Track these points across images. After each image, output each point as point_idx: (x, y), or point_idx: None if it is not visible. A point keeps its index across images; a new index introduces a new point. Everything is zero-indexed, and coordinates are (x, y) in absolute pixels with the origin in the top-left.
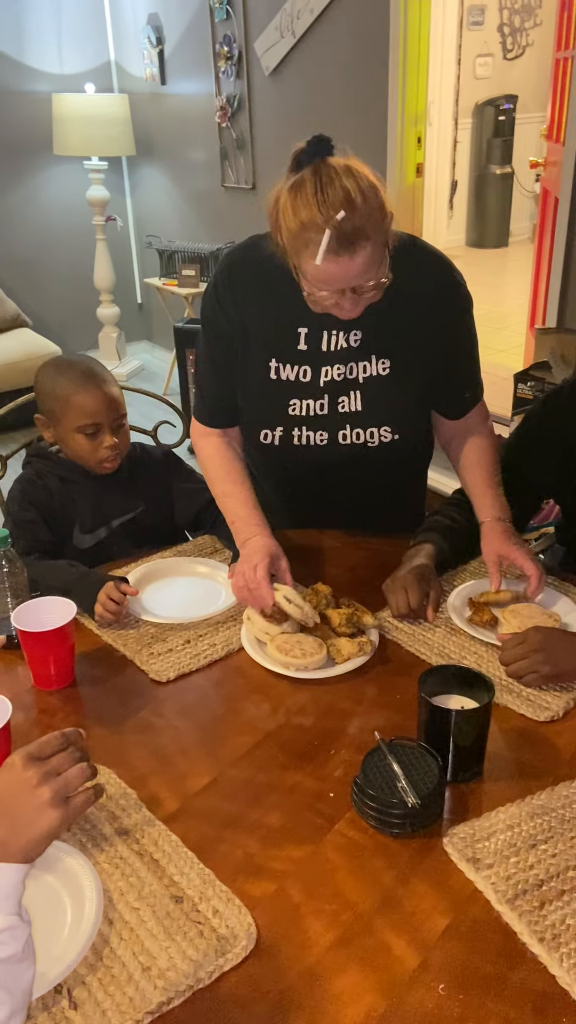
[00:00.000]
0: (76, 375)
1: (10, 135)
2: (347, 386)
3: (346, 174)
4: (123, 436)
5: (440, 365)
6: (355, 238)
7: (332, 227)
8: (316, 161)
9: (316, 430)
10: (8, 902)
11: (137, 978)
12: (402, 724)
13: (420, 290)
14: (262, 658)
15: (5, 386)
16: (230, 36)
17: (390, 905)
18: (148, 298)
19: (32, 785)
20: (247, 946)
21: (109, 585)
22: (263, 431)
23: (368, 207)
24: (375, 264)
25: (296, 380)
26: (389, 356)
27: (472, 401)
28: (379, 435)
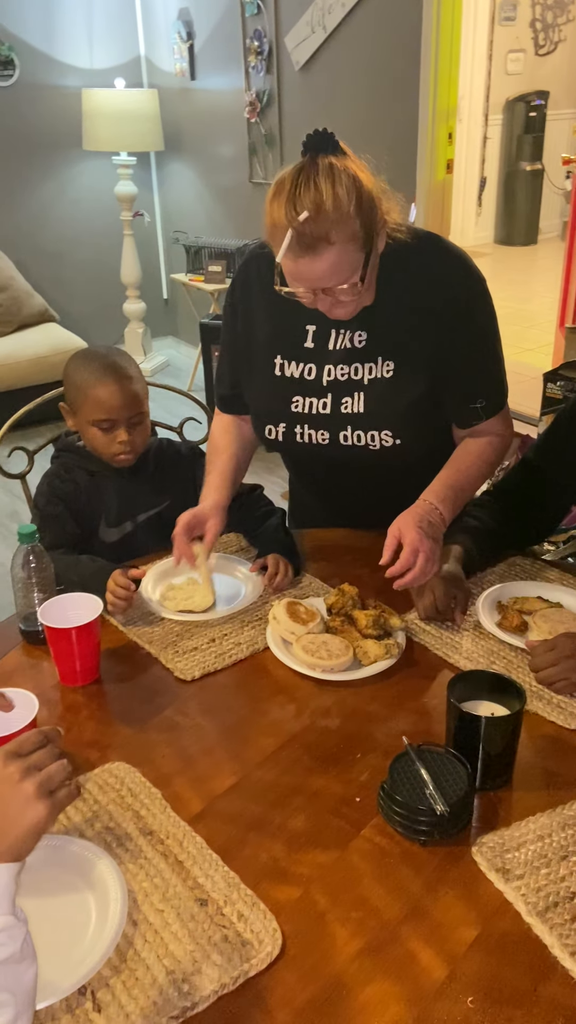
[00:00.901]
0: (97, 368)
1: (40, 130)
2: (351, 387)
3: (326, 175)
4: (140, 433)
5: (447, 371)
6: (316, 241)
7: (294, 227)
8: (308, 156)
9: (318, 429)
10: (2, 902)
11: (161, 981)
12: (429, 729)
13: (433, 293)
14: (288, 658)
15: (32, 380)
16: (260, 31)
17: (417, 914)
18: (174, 294)
19: (15, 781)
20: (272, 952)
21: (115, 573)
22: (268, 426)
23: (338, 212)
24: (343, 268)
25: (300, 377)
26: (394, 359)
27: (486, 412)
28: (380, 439)
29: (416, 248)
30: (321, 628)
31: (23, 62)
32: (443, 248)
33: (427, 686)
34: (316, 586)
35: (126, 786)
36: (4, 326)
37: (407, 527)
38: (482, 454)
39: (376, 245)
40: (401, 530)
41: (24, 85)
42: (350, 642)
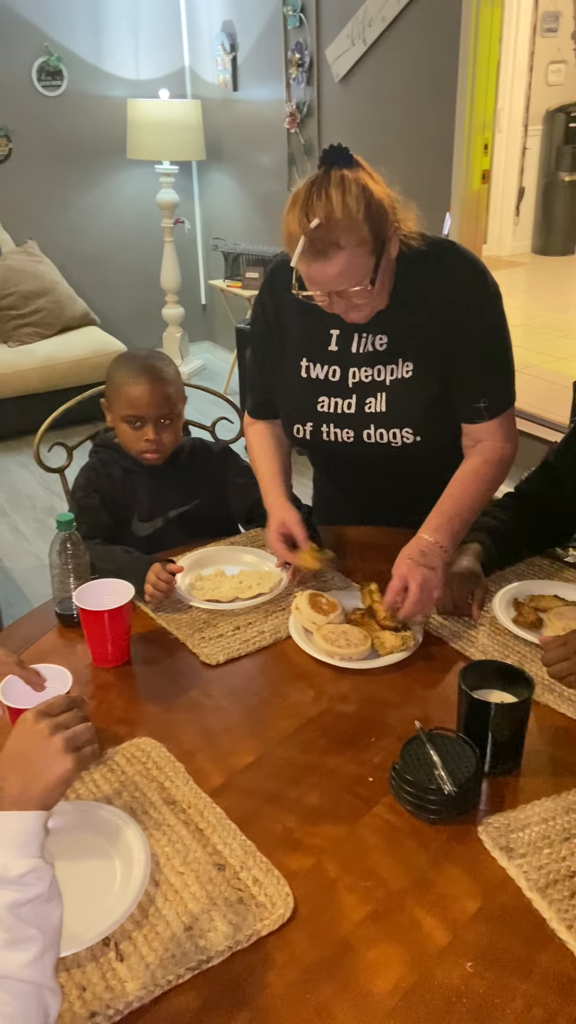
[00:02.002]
0: (134, 367)
1: (86, 139)
2: (374, 388)
3: (338, 185)
4: (169, 434)
5: (455, 369)
6: (326, 246)
7: (306, 233)
8: (323, 169)
9: (343, 428)
10: (31, 846)
11: (180, 936)
12: (442, 717)
13: (447, 296)
14: (308, 647)
15: (73, 381)
16: (302, 43)
17: (422, 886)
18: (211, 299)
19: (45, 735)
20: (284, 914)
21: (156, 566)
22: (295, 426)
23: (348, 219)
24: (354, 272)
25: (326, 379)
26: (413, 360)
27: (489, 412)
28: (402, 436)
29: (431, 254)
30: (341, 619)
31: (71, 73)
32: (456, 253)
33: (442, 677)
34: (338, 579)
35: (152, 759)
36: (47, 329)
37: (399, 562)
38: (477, 473)
39: (388, 251)
40: (395, 565)
41: (72, 95)
42: (369, 633)
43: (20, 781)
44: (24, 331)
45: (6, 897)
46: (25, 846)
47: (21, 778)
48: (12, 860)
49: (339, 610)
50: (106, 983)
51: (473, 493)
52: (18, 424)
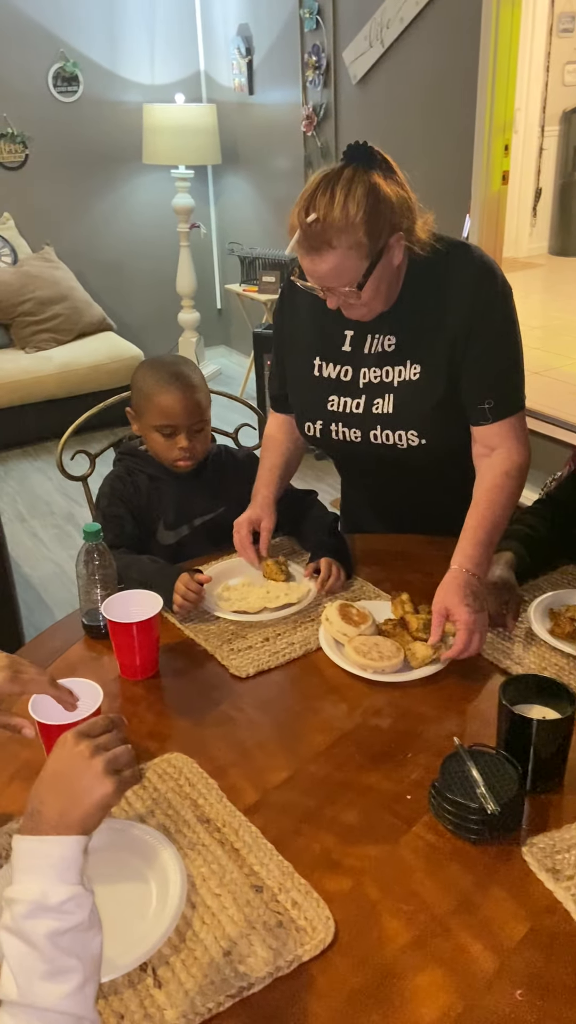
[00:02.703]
0: (163, 375)
1: (102, 144)
2: (383, 389)
3: (344, 184)
4: (201, 440)
5: (462, 366)
6: (319, 243)
7: (302, 227)
8: (340, 165)
9: (351, 427)
10: (70, 872)
11: (219, 961)
12: (479, 731)
13: (454, 296)
14: (340, 659)
15: (91, 387)
16: (319, 46)
17: (467, 909)
18: (227, 304)
19: (85, 757)
20: (325, 939)
21: (184, 576)
22: (306, 423)
23: (345, 220)
24: (344, 272)
25: (337, 378)
26: (420, 362)
27: (493, 414)
28: (407, 438)
29: (444, 256)
30: (373, 630)
31: (87, 78)
32: (472, 257)
33: (478, 690)
34: (368, 590)
35: (184, 776)
36: (64, 335)
37: (456, 607)
38: (503, 489)
39: (390, 258)
40: (449, 609)
41: (88, 100)
42: (401, 645)
43: (59, 804)
44: (41, 337)
45: (45, 926)
46: (64, 872)
47: (60, 801)
48: (51, 887)
49: (370, 621)
50: (144, 1011)
51: (502, 513)
52: (36, 430)
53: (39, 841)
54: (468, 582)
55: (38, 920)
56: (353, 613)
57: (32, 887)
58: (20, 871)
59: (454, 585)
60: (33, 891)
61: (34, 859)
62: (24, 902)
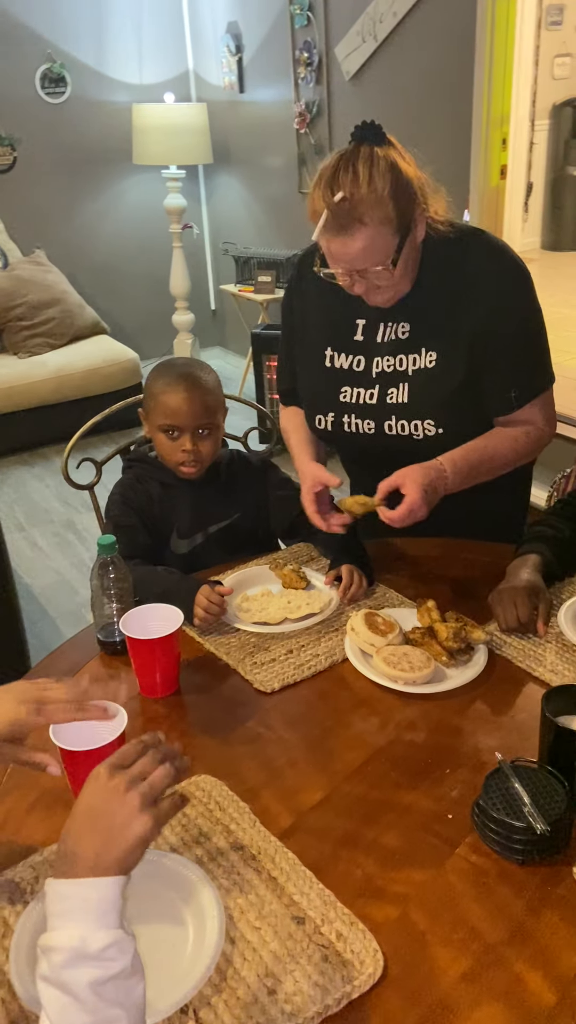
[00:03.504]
0: (172, 376)
1: (91, 145)
2: (396, 378)
3: (366, 160)
4: (207, 445)
5: (485, 359)
6: (349, 221)
7: (329, 207)
8: (351, 145)
9: (364, 418)
10: (110, 916)
11: (263, 1001)
12: (518, 744)
13: (471, 283)
14: (368, 670)
15: (86, 392)
16: (310, 42)
17: (521, 937)
18: (221, 304)
19: (120, 792)
20: (374, 974)
21: (205, 588)
22: (317, 415)
23: (374, 195)
24: (376, 250)
25: (350, 369)
26: (436, 349)
27: (518, 401)
28: (423, 428)
29: (459, 241)
30: (400, 639)
31: (75, 79)
32: (485, 241)
33: (512, 700)
34: (391, 596)
35: (214, 799)
36: (57, 339)
37: (413, 485)
38: (516, 440)
39: (414, 234)
40: (406, 483)
41: (76, 101)
42: (431, 654)
43: (95, 844)
44: (35, 342)
45: (87, 975)
46: (104, 916)
47: (96, 841)
48: (91, 933)
49: (397, 630)
50: None
51: (503, 457)
52: (32, 436)
53: (75, 884)
54: (437, 477)
55: (78, 969)
56: (379, 622)
57: (70, 933)
58: (56, 916)
59: (423, 471)
60: (71, 938)
61: (71, 903)
62: (62, 950)
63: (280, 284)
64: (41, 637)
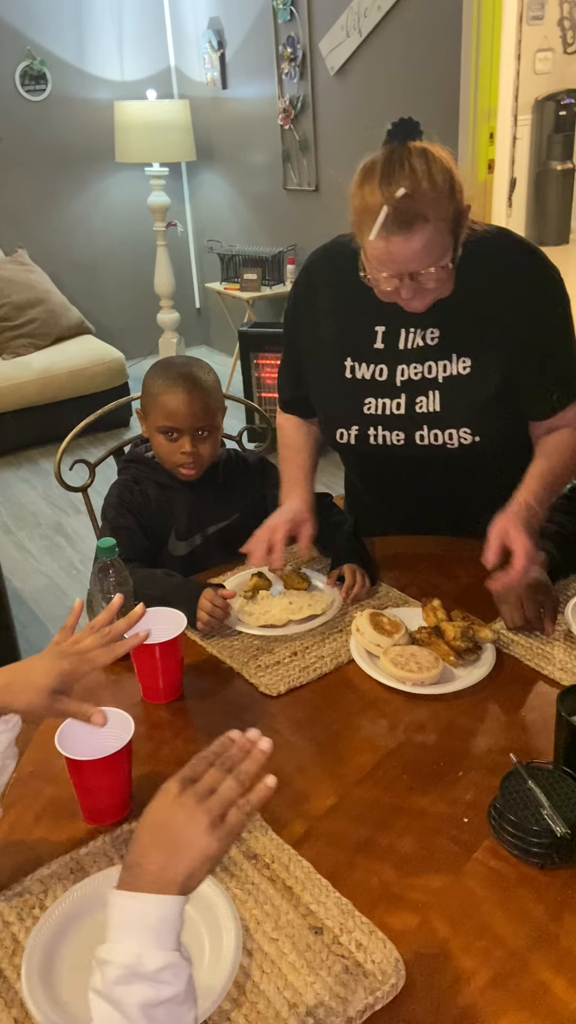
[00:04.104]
0: (172, 375)
1: (73, 143)
2: (426, 385)
3: (419, 156)
4: (207, 447)
5: (523, 363)
6: (412, 218)
7: (390, 203)
8: (396, 142)
9: (393, 430)
10: (169, 936)
11: (285, 1015)
12: (530, 743)
13: (505, 284)
14: (375, 671)
15: (71, 392)
16: (294, 37)
17: (545, 943)
18: (206, 303)
19: (189, 808)
20: (397, 984)
21: (208, 592)
22: (339, 430)
23: (435, 191)
24: (435, 249)
25: (372, 379)
26: (470, 355)
27: (561, 402)
28: (459, 436)
29: (488, 242)
30: (407, 639)
31: (55, 76)
32: (515, 241)
33: (522, 699)
34: (395, 596)
35: None
36: (41, 339)
37: (517, 533)
38: (572, 445)
39: (463, 232)
40: (510, 534)
41: (57, 99)
42: (438, 654)
43: (160, 859)
44: (19, 343)
45: (140, 995)
46: (162, 935)
47: (162, 856)
48: (148, 951)
49: (403, 630)
50: None
51: (565, 464)
52: (17, 438)
53: (137, 899)
54: (529, 516)
55: (131, 987)
56: (384, 622)
57: (127, 949)
58: (115, 928)
59: (515, 514)
60: (128, 954)
61: (131, 917)
62: (118, 965)
63: (266, 281)
64: (31, 641)
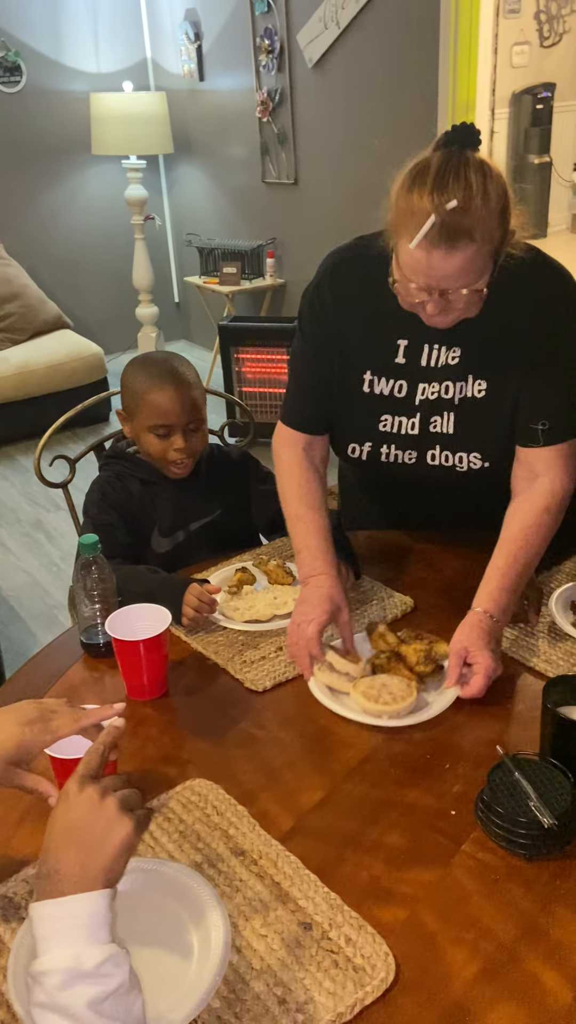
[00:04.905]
0: (156, 373)
1: (48, 136)
2: (442, 406)
3: (477, 169)
4: (197, 440)
5: (527, 388)
6: (458, 234)
7: (439, 214)
8: (454, 147)
9: (406, 449)
10: (102, 930)
11: (275, 1012)
12: (516, 735)
13: (529, 310)
14: (344, 709)
15: (50, 388)
16: (271, 29)
17: (534, 934)
18: (185, 297)
19: (95, 801)
20: (387, 978)
21: (194, 587)
22: (351, 445)
23: (487, 209)
24: (473, 271)
25: (391, 395)
26: (486, 378)
27: (545, 438)
28: (468, 461)
29: (518, 263)
30: (368, 669)
31: (30, 68)
32: (544, 264)
33: (508, 691)
34: (378, 589)
35: (210, 804)
36: (19, 334)
37: (478, 650)
38: (540, 528)
39: (502, 255)
40: (471, 651)
41: (32, 91)
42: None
43: (78, 857)
44: None
45: (86, 993)
46: (95, 931)
47: (79, 854)
48: (84, 950)
49: (363, 661)
50: None
51: (535, 553)
52: None
53: (61, 903)
54: (492, 628)
55: (75, 989)
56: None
57: (62, 953)
58: (44, 939)
59: (477, 629)
60: (64, 958)
61: (59, 923)
62: (57, 971)
63: (246, 275)
64: (13, 639)
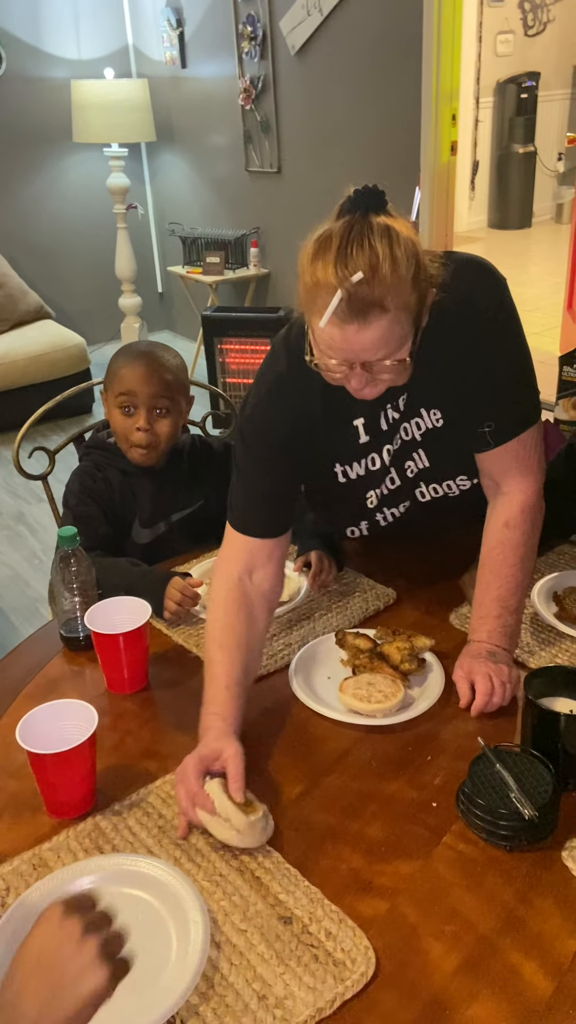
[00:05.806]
0: (133, 352)
1: (29, 123)
2: (409, 448)
3: (382, 235)
4: (163, 426)
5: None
6: (369, 307)
7: (345, 288)
8: (357, 214)
9: (397, 504)
10: None
11: (253, 1007)
12: (497, 726)
13: (451, 322)
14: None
15: (32, 379)
16: (254, 16)
17: (514, 925)
18: (168, 287)
19: (75, 938)
20: (366, 972)
21: (176, 580)
22: (349, 528)
23: (396, 276)
24: (392, 340)
25: (367, 473)
26: (437, 405)
27: (493, 438)
28: (456, 484)
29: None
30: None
31: (10, 54)
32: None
33: None
34: (361, 582)
35: None
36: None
37: (481, 677)
38: (505, 544)
39: (422, 323)
40: (473, 675)
41: (11, 78)
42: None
43: (39, 998)
44: None
45: None
46: None
47: (41, 994)
48: None
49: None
50: None
51: (513, 563)
52: None
53: None
54: (494, 651)
55: None
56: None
57: None
58: None
59: (478, 660)
60: None
61: None
62: None
63: (229, 265)
64: None
